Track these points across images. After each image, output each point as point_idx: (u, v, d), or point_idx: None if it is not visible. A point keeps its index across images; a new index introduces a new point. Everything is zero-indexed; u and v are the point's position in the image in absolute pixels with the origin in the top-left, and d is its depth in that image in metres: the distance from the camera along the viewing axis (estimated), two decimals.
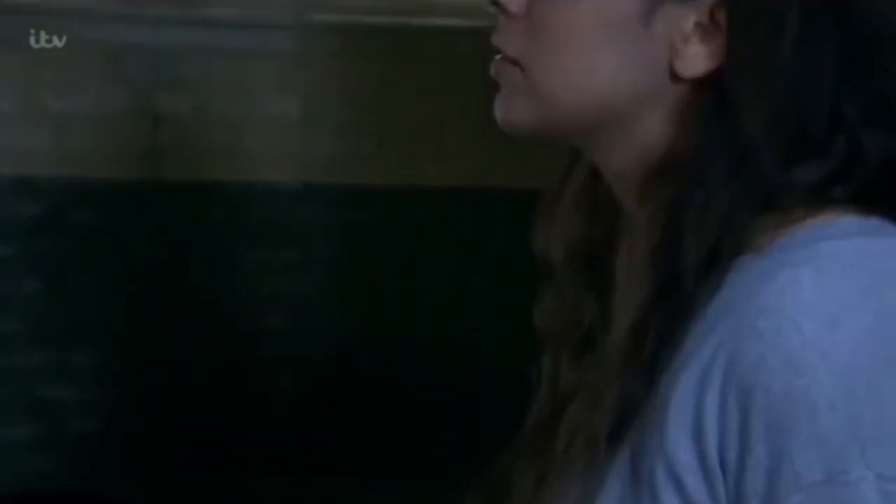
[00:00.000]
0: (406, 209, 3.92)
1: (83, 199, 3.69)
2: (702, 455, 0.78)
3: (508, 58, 0.89)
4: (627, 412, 0.82)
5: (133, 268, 3.74)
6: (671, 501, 0.79)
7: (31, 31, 3.61)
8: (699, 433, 0.78)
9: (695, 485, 0.78)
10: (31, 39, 3.60)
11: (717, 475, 0.78)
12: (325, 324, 3.92)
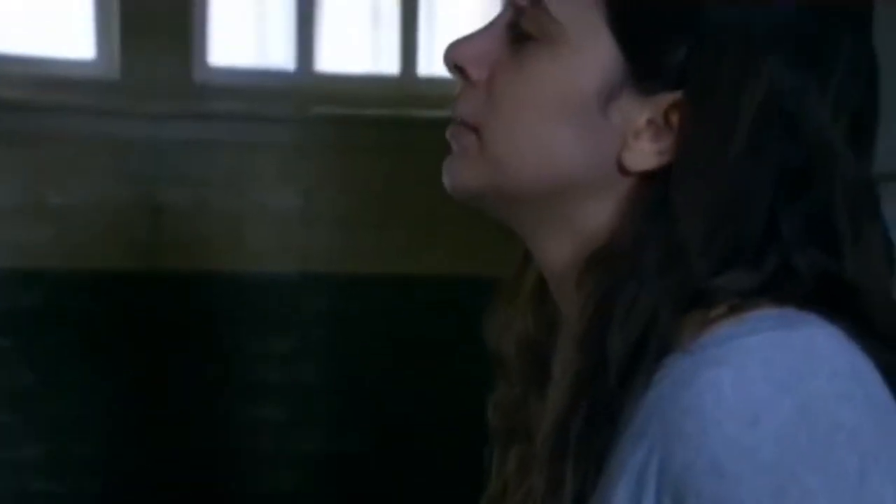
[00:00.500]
0: (404, 298, 3.93)
1: (83, 291, 3.71)
2: None
3: (466, 123, 0.91)
4: None
5: (131, 359, 3.75)
6: None
7: (33, 125, 3.66)
8: None
9: None
10: (33, 133, 3.65)
11: None
12: (325, 414, 3.92)
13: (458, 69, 0.92)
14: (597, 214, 0.88)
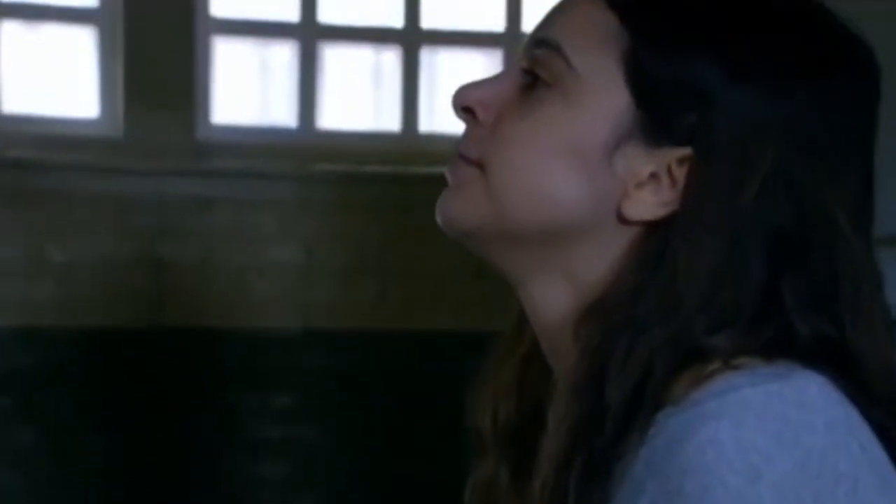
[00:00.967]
0: (405, 354, 3.93)
1: (83, 349, 3.71)
2: None
3: (468, 158, 0.91)
4: None
5: (131, 416, 3.74)
6: None
7: (37, 184, 3.68)
8: None
9: None
10: (37, 191, 3.67)
11: None
12: (325, 472, 3.91)
13: (466, 111, 0.92)
14: (593, 262, 0.88)
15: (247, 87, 4.08)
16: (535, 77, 0.90)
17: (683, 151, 0.87)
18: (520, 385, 0.96)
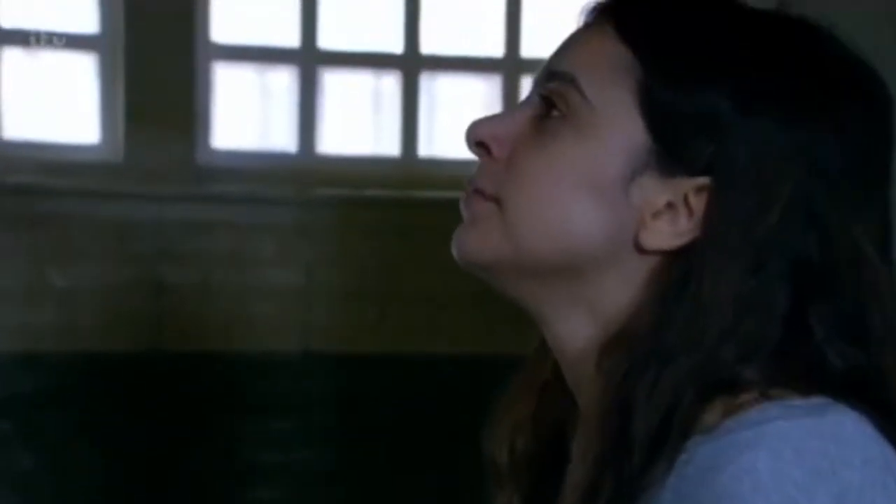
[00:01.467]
0: (405, 378, 3.93)
1: (84, 372, 3.71)
2: None
3: (484, 193, 0.91)
4: None
5: (131, 441, 3.74)
6: None
7: (38, 209, 3.69)
8: None
9: None
10: (37, 216, 3.67)
11: None
12: (325, 495, 3.90)
13: (480, 146, 0.92)
14: (612, 293, 0.88)
15: (247, 112, 4.09)
16: (549, 107, 0.90)
17: (701, 181, 0.86)
18: (540, 414, 0.96)
